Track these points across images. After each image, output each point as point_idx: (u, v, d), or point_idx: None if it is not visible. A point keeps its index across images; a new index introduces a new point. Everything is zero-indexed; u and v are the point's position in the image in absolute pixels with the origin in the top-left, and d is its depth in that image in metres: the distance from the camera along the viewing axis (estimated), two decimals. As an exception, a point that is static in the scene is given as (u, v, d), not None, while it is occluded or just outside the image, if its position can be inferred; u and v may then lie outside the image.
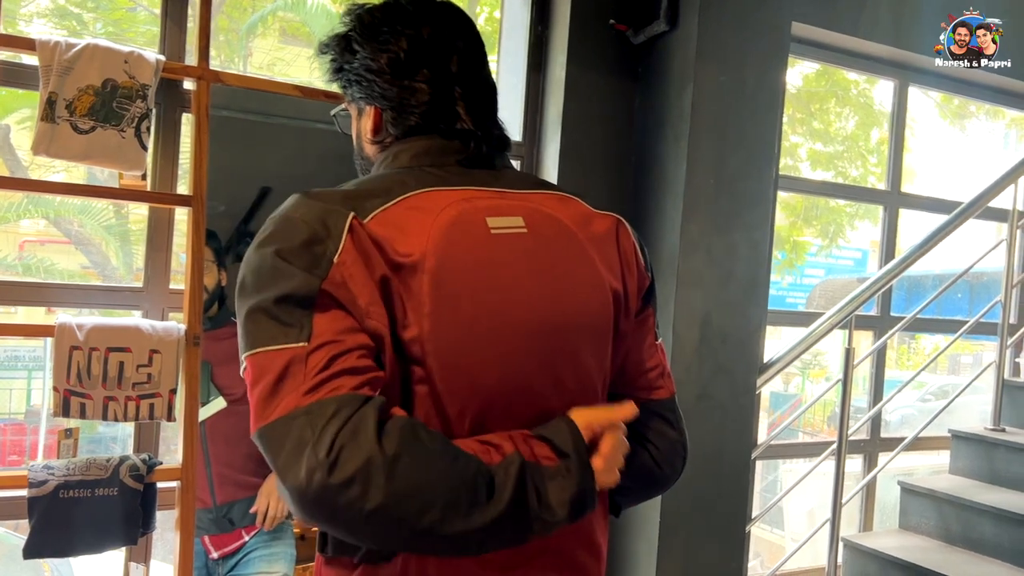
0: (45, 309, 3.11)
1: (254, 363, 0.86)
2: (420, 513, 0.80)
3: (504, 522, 0.85)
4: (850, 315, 2.81)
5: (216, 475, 2.12)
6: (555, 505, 0.89)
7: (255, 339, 0.87)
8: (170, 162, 2.21)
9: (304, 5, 6.34)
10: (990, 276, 3.97)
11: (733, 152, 2.52)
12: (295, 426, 0.81)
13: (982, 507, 2.91)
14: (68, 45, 1.86)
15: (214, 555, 2.13)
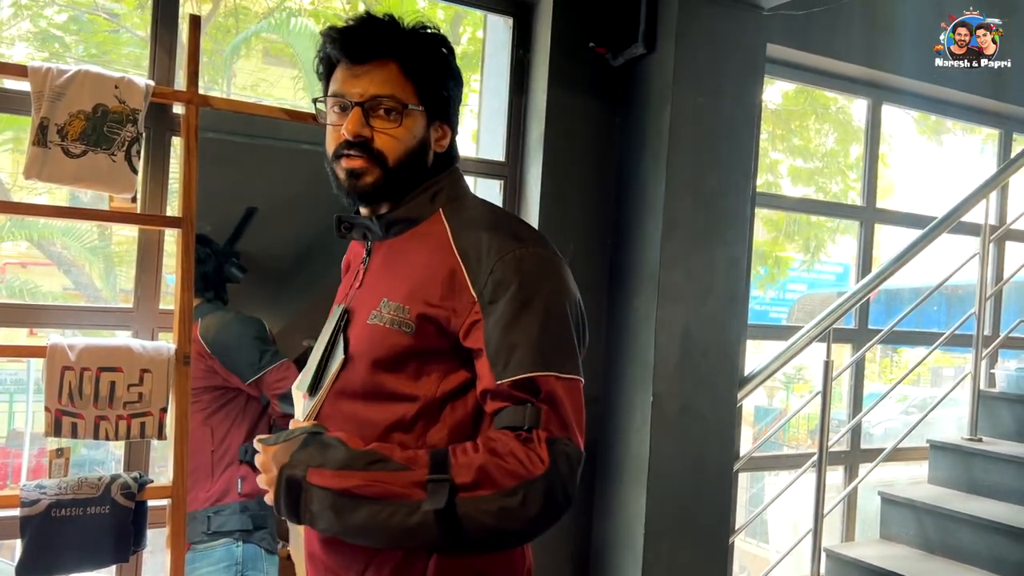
0: (27, 331, 3.11)
1: (565, 385, 1.07)
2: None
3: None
4: (828, 328, 2.87)
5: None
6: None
7: (567, 364, 1.09)
8: (159, 184, 2.24)
9: (287, 26, 6.39)
10: (965, 289, 4.05)
11: (711, 171, 2.59)
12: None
13: (960, 516, 2.96)
14: (59, 71, 1.90)
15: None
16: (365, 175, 1.15)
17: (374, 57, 1.15)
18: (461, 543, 1.03)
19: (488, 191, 2.82)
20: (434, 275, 1.11)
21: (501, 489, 1.01)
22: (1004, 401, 3.45)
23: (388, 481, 1.03)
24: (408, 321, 1.10)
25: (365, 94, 1.14)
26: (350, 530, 1.04)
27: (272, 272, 2.40)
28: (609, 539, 2.60)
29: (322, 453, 1.06)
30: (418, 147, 1.17)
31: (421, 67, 1.17)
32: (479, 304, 1.08)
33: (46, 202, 4.74)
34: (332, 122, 1.19)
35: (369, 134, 1.14)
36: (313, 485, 1.04)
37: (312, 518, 1.05)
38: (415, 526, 1.00)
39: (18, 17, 5.95)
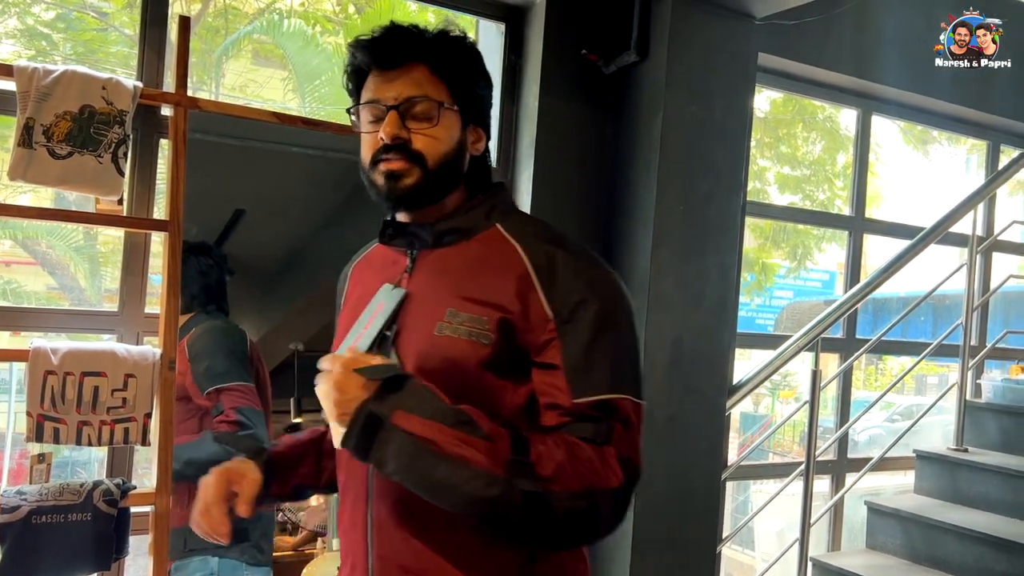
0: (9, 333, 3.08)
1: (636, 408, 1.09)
2: None
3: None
4: (816, 338, 2.87)
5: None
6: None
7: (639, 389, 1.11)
8: (146, 187, 2.22)
9: (279, 28, 6.36)
10: (952, 299, 4.07)
11: (702, 179, 2.59)
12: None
13: (946, 526, 2.97)
14: (46, 71, 1.88)
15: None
16: (405, 176, 1.13)
17: (405, 61, 1.15)
18: (524, 529, 1.02)
19: (478, 197, 2.80)
20: (508, 288, 1.10)
21: (572, 491, 1.01)
22: (990, 412, 3.46)
23: (473, 446, 1.00)
24: (487, 332, 1.09)
25: (399, 97, 1.14)
26: (422, 481, 1.01)
27: (259, 274, 2.38)
28: (596, 547, 2.59)
29: (413, 397, 1.02)
30: (456, 148, 1.17)
31: (452, 67, 1.17)
32: (555, 322, 1.08)
33: (30, 201, 4.70)
34: (367, 130, 1.17)
35: (407, 136, 1.13)
36: (397, 427, 1.00)
37: (383, 460, 1.01)
38: (491, 498, 0.99)
39: (4, 14, 5.90)
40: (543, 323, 1.08)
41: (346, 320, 1.25)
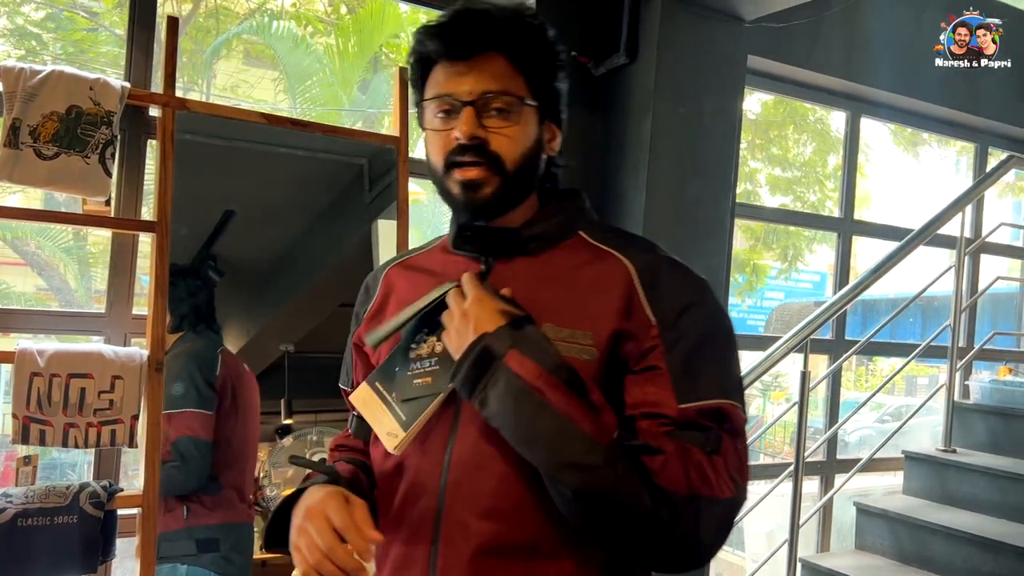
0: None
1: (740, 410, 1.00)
2: None
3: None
4: (806, 339, 2.88)
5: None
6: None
7: (742, 395, 1.02)
8: (134, 188, 2.21)
9: (269, 29, 6.35)
10: (941, 301, 4.09)
11: (691, 181, 2.59)
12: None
13: (934, 527, 2.98)
14: (33, 72, 1.87)
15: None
16: (484, 186, 1.03)
17: (480, 50, 1.03)
18: (617, 520, 0.92)
19: (468, 198, 2.81)
20: (613, 299, 1.01)
21: (678, 491, 0.91)
22: (978, 413, 3.48)
23: (580, 407, 0.93)
24: (590, 347, 0.99)
25: (475, 91, 1.02)
26: (520, 430, 0.94)
27: (249, 276, 2.38)
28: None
29: (531, 343, 0.96)
30: (534, 148, 1.07)
31: (532, 58, 1.06)
32: (658, 328, 0.99)
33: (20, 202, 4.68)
34: (436, 128, 1.06)
35: (484, 135, 1.02)
36: (508, 367, 0.94)
37: (485, 399, 0.95)
38: (589, 466, 0.90)
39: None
40: (646, 330, 1.00)
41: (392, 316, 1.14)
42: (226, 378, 2.15)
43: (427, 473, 1.02)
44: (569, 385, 0.94)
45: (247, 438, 2.21)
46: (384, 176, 2.41)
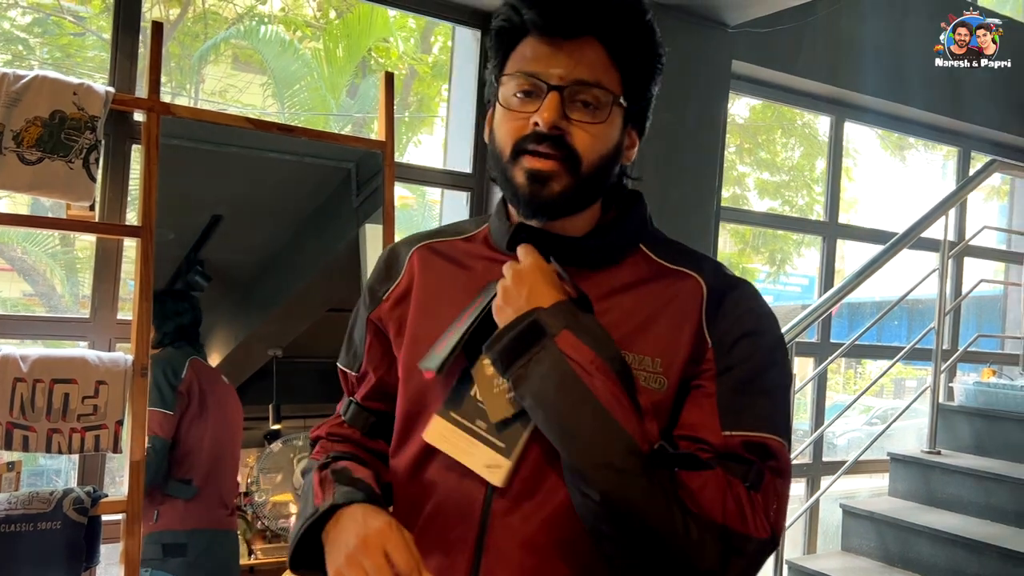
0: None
1: (787, 450, 0.92)
2: None
3: None
4: (791, 342, 2.89)
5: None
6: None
7: (789, 433, 0.93)
8: (119, 192, 2.21)
9: (257, 33, 6.35)
10: (926, 304, 4.12)
11: (676, 186, 2.61)
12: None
13: (919, 528, 3.00)
14: (16, 76, 1.87)
15: None
16: (553, 180, 0.91)
17: (581, 32, 0.91)
18: (639, 525, 0.83)
19: (455, 203, 2.81)
20: (685, 322, 0.94)
21: (713, 520, 0.84)
22: (962, 414, 3.50)
23: (628, 406, 0.85)
24: (659, 375, 0.91)
25: (567, 77, 0.91)
26: (557, 416, 0.86)
27: (237, 281, 2.38)
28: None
29: (589, 326, 0.89)
30: (613, 153, 0.95)
31: (634, 55, 0.95)
32: (713, 350, 0.92)
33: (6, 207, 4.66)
34: (513, 107, 0.94)
35: (567, 127, 0.91)
36: (557, 347, 0.86)
37: (525, 375, 0.87)
38: (624, 471, 0.82)
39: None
40: (703, 352, 0.92)
41: (421, 315, 1.03)
42: (192, 384, 2.16)
43: (467, 496, 0.93)
44: (621, 379, 0.87)
45: (222, 445, 2.21)
46: (371, 180, 2.42)
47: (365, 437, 1.10)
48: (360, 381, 1.11)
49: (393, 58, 6.64)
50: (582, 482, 0.85)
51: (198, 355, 2.20)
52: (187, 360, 2.16)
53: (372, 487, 0.98)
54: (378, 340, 1.08)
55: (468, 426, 0.93)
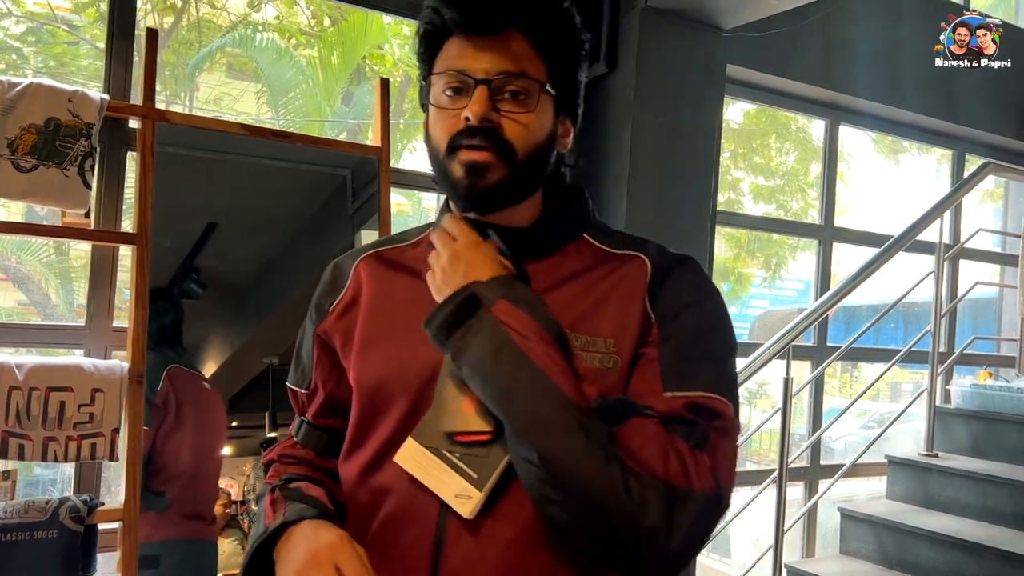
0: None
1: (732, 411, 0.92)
2: None
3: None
4: (788, 345, 2.90)
5: None
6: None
7: (735, 396, 0.94)
8: (114, 199, 2.21)
9: (252, 41, 6.35)
10: (921, 306, 4.12)
11: (671, 190, 2.61)
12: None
13: (917, 531, 3.00)
14: (10, 84, 1.87)
15: None
16: (489, 171, 0.93)
17: (502, 27, 0.94)
18: (579, 483, 0.83)
19: (450, 208, 2.81)
20: (633, 301, 0.95)
21: (654, 476, 0.83)
22: (959, 417, 3.51)
23: (564, 368, 0.87)
24: (612, 355, 0.92)
25: (492, 70, 0.93)
26: (495, 380, 0.87)
27: (233, 288, 2.37)
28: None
29: (525, 295, 0.91)
30: (547, 141, 0.98)
31: (557, 43, 0.97)
32: (658, 324, 0.94)
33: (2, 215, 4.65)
34: (444, 105, 0.96)
35: (497, 119, 0.93)
36: (493, 316, 0.88)
37: (463, 347, 0.88)
38: (562, 427, 0.83)
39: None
40: (649, 326, 0.94)
41: (371, 321, 1.03)
42: (168, 395, 2.12)
43: (421, 505, 0.92)
44: (558, 344, 0.89)
45: (200, 454, 2.18)
46: (367, 187, 2.42)
47: (319, 457, 1.09)
48: (310, 399, 1.10)
49: (388, 65, 6.65)
50: (521, 445, 0.86)
51: (179, 359, 2.17)
52: (164, 370, 2.13)
53: (325, 504, 0.97)
54: (325, 354, 1.08)
55: (440, 451, 0.92)
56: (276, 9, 6.99)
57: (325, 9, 6.82)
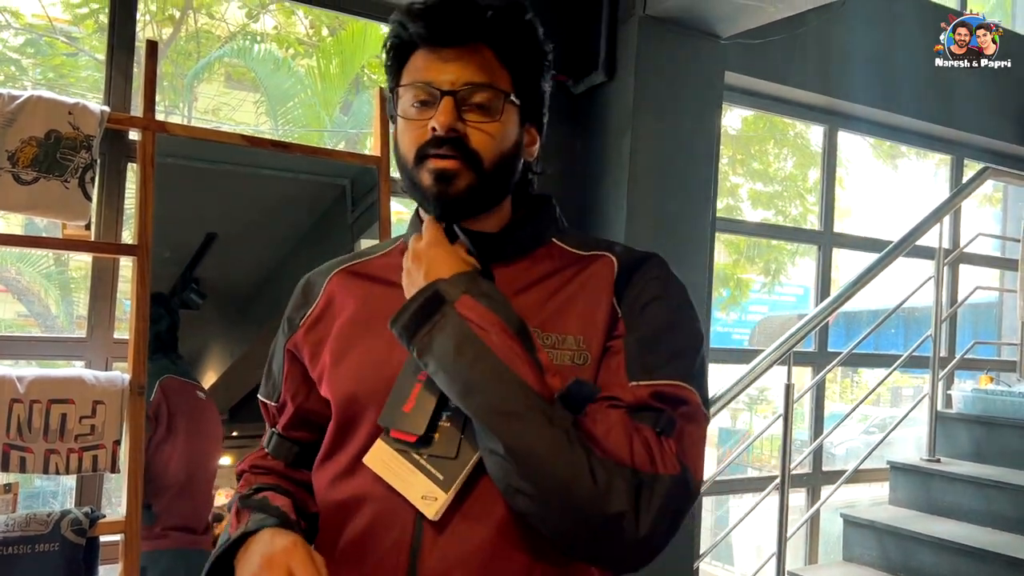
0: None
1: (698, 398, 0.93)
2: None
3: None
4: (789, 351, 2.89)
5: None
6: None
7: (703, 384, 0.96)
8: (114, 211, 2.21)
9: (250, 52, 6.36)
10: (921, 311, 4.12)
11: (671, 197, 2.61)
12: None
13: (920, 537, 2.99)
14: (11, 97, 1.87)
15: None
16: (458, 178, 0.95)
17: (467, 39, 0.97)
18: (546, 473, 0.84)
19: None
20: (601, 299, 0.98)
21: (620, 462, 0.85)
22: (961, 422, 3.50)
23: (526, 359, 0.88)
24: (583, 351, 0.95)
25: (457, 81, 0.95)
26: (458, 374, 0.88)
27: (233, 298, 2.37)
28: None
29: (487, 291, 0.93)
30: (513, 150, 1.00)
31: (520, 54, 1.00)
32: (624, 319, 0.96)
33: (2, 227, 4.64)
34: (411, 117, 0.98)
35: (463, 129, 0.95)
36: (456, 312, 0.90)
37: (428, 344, 0.90)
38: (526, 417, 0.85)
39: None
40: (616, 322, 0.97)
41: (345, 331, 1.04)
42: (160, 406, 2.11)
43: (396, 512, 0.93)
44: (520, 337, 0.90)
45: (192, 465, 2.16)
46: (367, 196, 2.42)
47: (290, 468, 1.11)
48: (281, 411, 1.12)
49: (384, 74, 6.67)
50: (487, 437, 0.87)
51: (174, 368, 2.16)
52: (157, 380, 2.12)
53: (287, 514, 0.98)
54: (295, 368, 1.09)
55: (409, 453, 0.93)
56: (274, 19, 7.00)
57: (323, 19, 6.83)
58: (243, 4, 6.39)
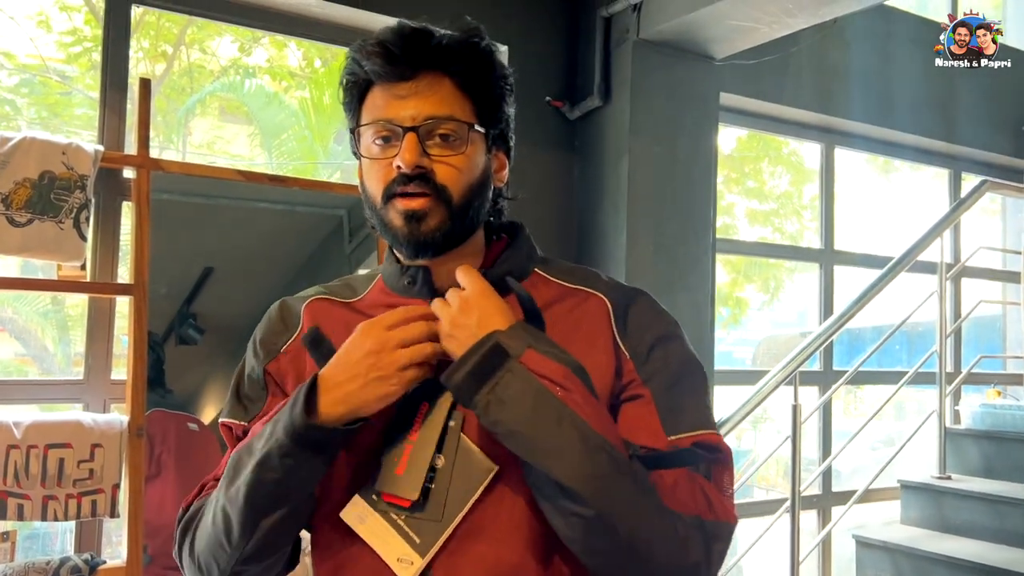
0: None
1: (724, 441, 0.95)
2: None
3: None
4: (794, 372, 2.86)
5: None
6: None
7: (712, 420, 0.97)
8: (110, 250, 2.18)
9: (242, 87, 6.39)
10: (925, 327, 4.10)
11: (670, 219, 2.60)
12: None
13: (934, 556, 2.94)
14: (3, 139, 1.85)
15: None
16: (428, 217, 0.92)
17: (424, 72, 0.94)
18: (633, 532, 0.83)
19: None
20: (602, 337, 0.96)
21: (688, 514, 0.86)
22: (971, 437, 3.46)
23: (602, 414, 0.87)
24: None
25: (419, 116, 0.92)
26: (539, 434, 0.83)
27: (230, 332, 2.34)
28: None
29: (548, 342, 0.88)
30: (482, 179, 0.97)
31: (480, 82, 0.97)
32: (632, 361, 0.95)
33: (-3, 267, 4.62)
34: (375, 156, 0.95)
35: (429, 164, 0.92)
36: (523, 366, 0.84)
37: (494, 401, 0.83)
38: (612, 477, 0.82)
39: (-35, 82, 5.87)
40: (623, 362, 0.95)
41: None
42: (148, 444, 2.05)
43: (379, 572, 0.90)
44: (590, 388, 0.87)
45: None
46: (363, 226, 2.40)
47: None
48: (249, 432, 1.02)
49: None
50: (571, 501, 0.83)
51: (162, 401, 2.11)
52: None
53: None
54: (277, 393, 1.04)
55: (387, 513, 0.90)
56: (266, 51, 7.03)
57: (315, 51, 6.87)
58: (236, 38, 6.42)
